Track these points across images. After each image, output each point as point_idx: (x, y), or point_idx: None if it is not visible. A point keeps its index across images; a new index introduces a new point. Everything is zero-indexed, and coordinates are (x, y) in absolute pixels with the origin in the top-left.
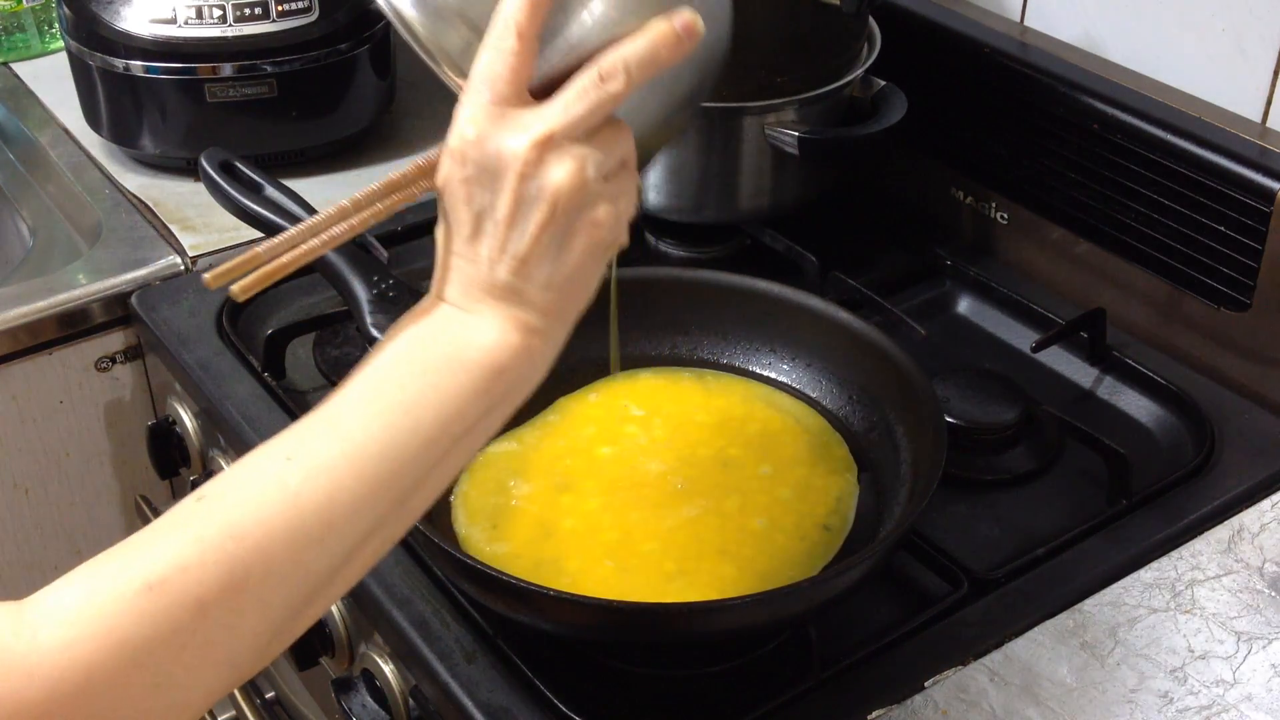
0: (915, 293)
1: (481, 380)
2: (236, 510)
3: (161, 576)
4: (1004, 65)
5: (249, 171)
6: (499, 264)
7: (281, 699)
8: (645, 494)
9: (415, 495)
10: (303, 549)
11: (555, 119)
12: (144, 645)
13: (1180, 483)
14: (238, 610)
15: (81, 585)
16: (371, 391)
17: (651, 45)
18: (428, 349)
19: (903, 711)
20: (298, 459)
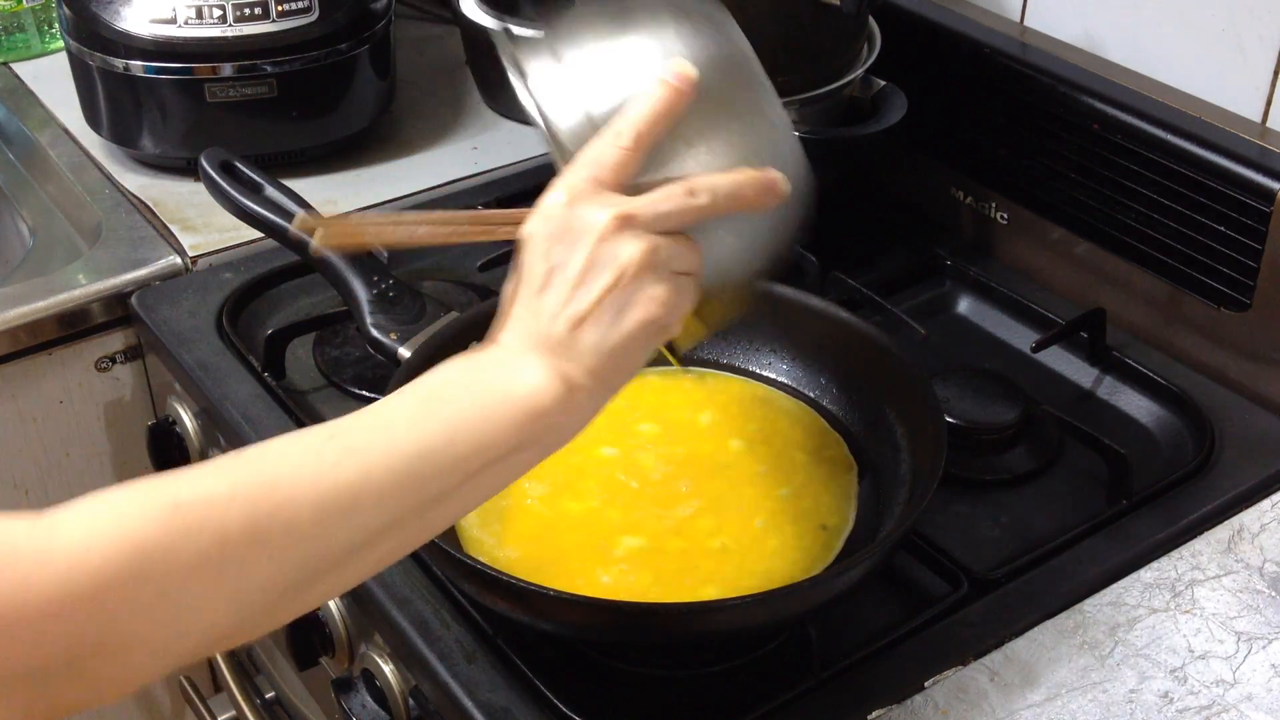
0: (915, 293)
1: (520, 416)
2: (272, 466)
3: (190, 500)
4: (1004, 65)
5: (249, 171)
6: (558, 318)
7: (281, 699)
8: (645, 494)
9: (438, 506)
10: (327, 517)
11: (640, 205)
12: (160, 557)
13: (1180, 483)
14: (255, 555)
15: (108, 497)
16: (418, 401)
17: (740, 184)
18: (476, 378)
19: (903, 711)
20: (338, 438)
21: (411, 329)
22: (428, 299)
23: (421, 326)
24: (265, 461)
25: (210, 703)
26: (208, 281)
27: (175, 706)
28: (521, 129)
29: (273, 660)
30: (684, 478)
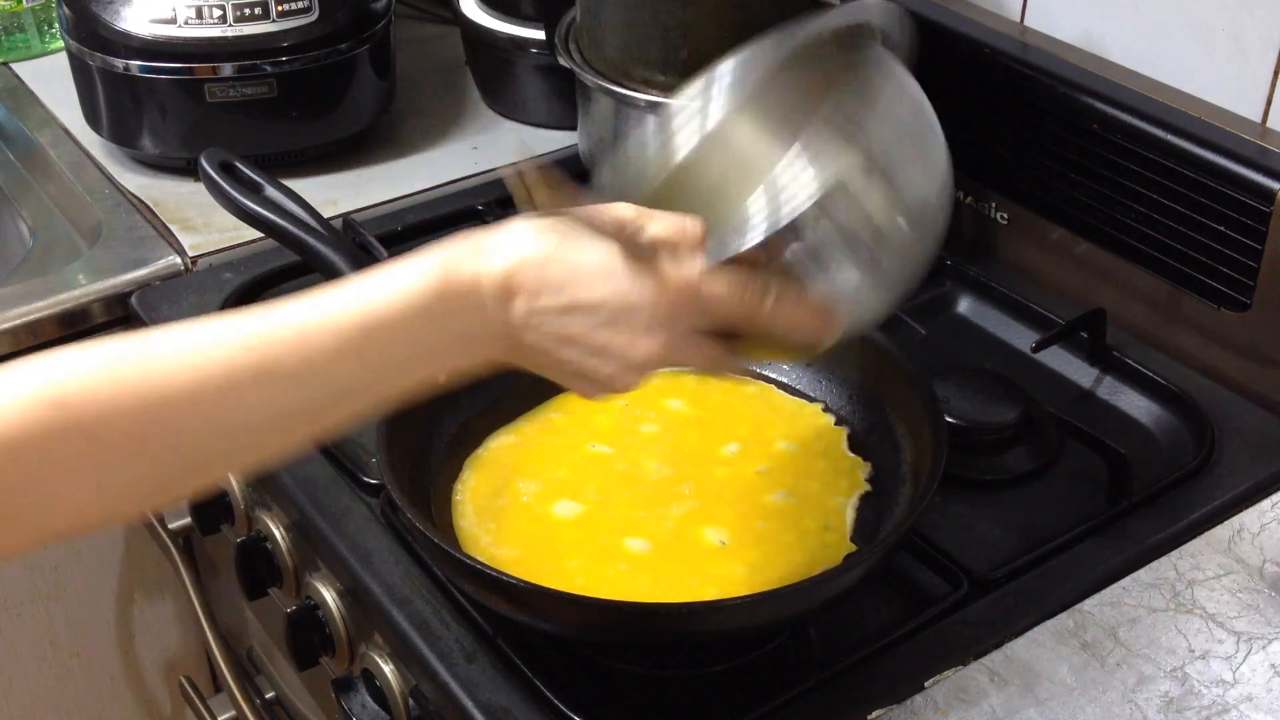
0: (915, 293)
1: (443, 375)
2: (170, 373)
3: (75, 399)
4: (1004, 65)
5: (249, 171)
6: (555, 327)
7: (281, 699)
8: (645, 493)
9: (326, 420)
10: (216, 432)
11: (723, 289)
12: (28, 448)
13: (1180, 483)
14: (130, 458)
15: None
16: (357, 333)
17: (803, 317)
18: (429, 330)
19: (903, 711)
20: (256, 351)
21: None
22: None
23: None
24: (165, 364)
25: (210, 703)
26: (208, 281)
27: (175, 706)
28: (521, 129)
29: (273, 660)
30: (684, 478)
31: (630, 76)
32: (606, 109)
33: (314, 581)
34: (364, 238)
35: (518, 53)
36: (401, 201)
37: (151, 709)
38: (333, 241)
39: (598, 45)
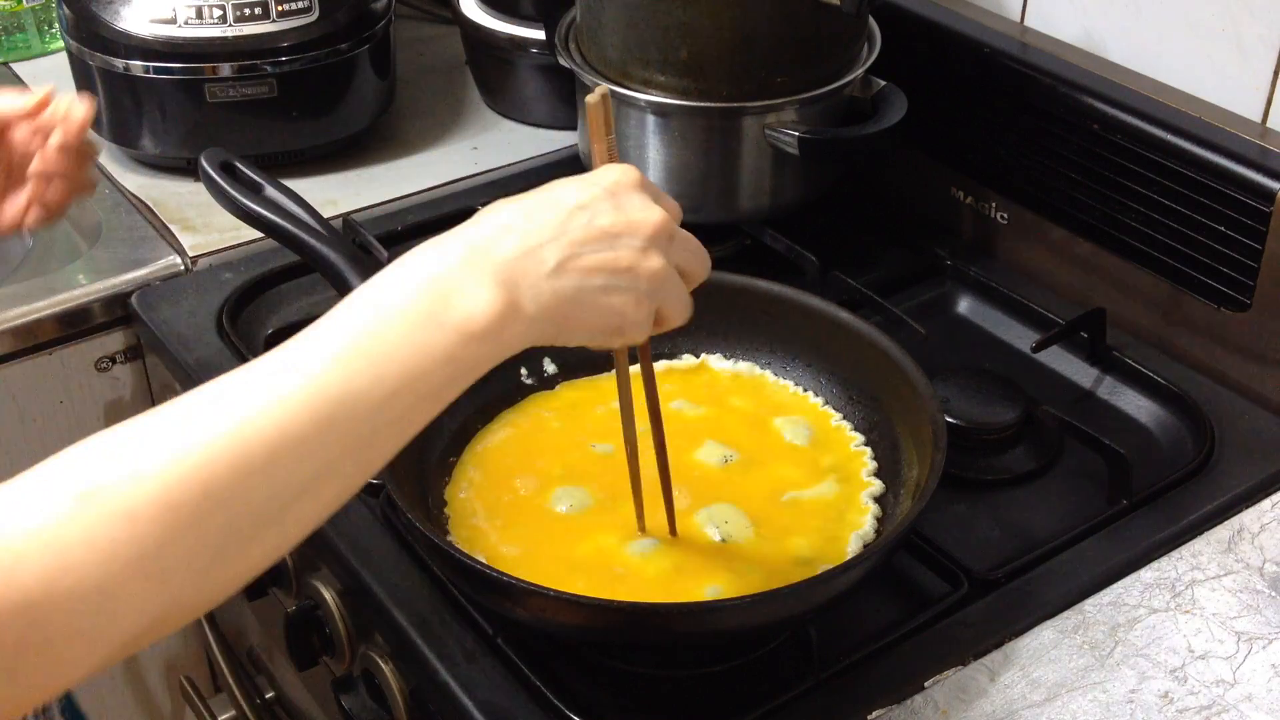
0: (915, 293)
1: (459, 346)
2: (187, 434)
3: (92, 488)
4: (1004, 65)
5: (249, 171)
6: (556, 244)
7: (281, 699)
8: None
9: (370, 447)
10: (252, 480)
11: (687, 237)
12: (73, 550)
13: (1180, 483)
14: (171, 530)
15: (26, 485)
16: (342, 334)
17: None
18: (412, 303)
19: (903, 711)
20: (255, 386)
21: None
22: None
23: None
24: (179, 429)
25: (210, 703)
26: (208, 281)
27: (175, 706)
28: (521, 129)
29: (273, 660)
30: (684, 477)
31: (630, 76)
32: None
33: (314, 581)
34: (364, 238)
35: (518, 53)
36: (401, 201)
37: (151, 709)
38: (333, 241)
39: (598, 45)
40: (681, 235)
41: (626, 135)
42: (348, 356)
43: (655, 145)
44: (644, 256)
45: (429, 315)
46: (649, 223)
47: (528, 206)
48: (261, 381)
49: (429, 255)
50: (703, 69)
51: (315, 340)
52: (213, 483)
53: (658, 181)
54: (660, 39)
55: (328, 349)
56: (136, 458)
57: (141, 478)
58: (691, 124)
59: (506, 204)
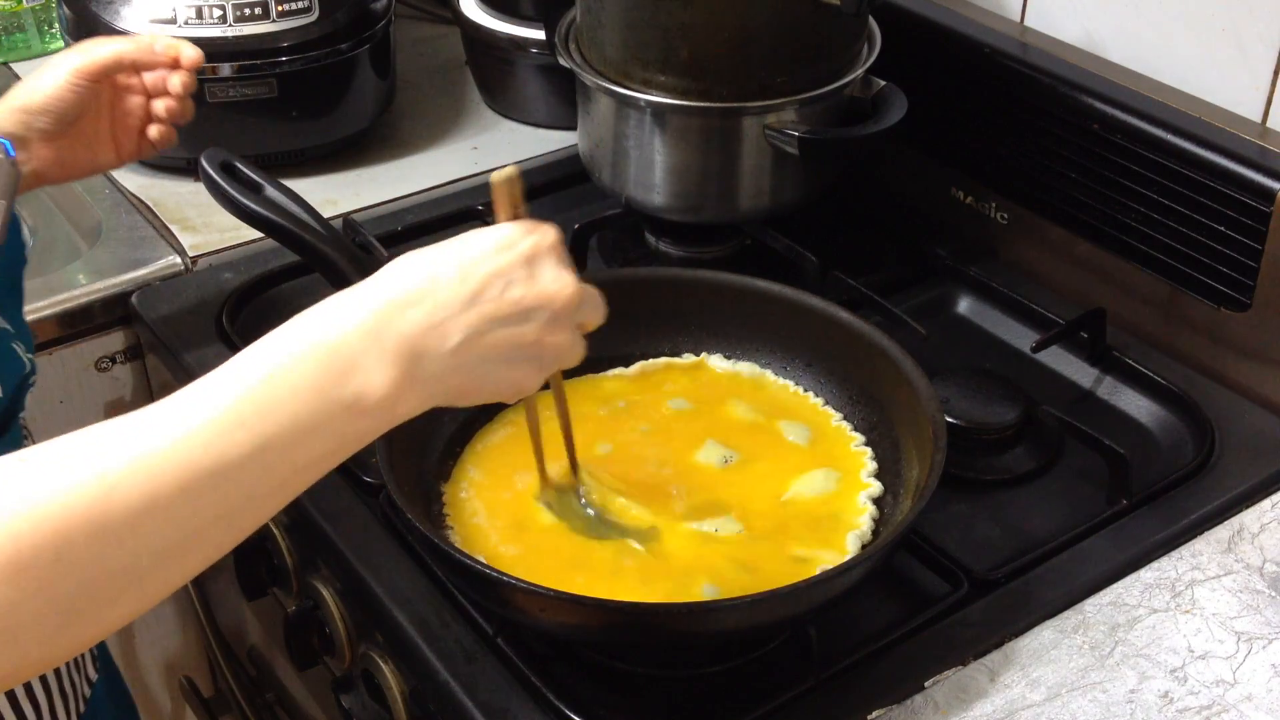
0: (915, 293)
1: (352, 424)
2: (41, 492)
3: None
4: (1004, 65)
5: (249, 171)
6: (465, 317)
7: (281, 699)
8: (645, 493)
9: (246, 513)
10: (106, 546)
11: (592, 294)
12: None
13: (1180, 483)
14: (21, 591)
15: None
16: (231, 401)
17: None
18: (302, 373)
19: (903, 711)
20: (131, 449)
21: None
22: None
23: None
24: (34, 485)
25: (210, 703)
26: (208, 281)
27: (175, 706)
28: (521, 129)
29: (273, 660)
30: (684, 477)
31: (630, 76)
32: (606, 109)
33: (314, 581)
34: (364, 238)
35: (518, 53)
36: (401, 201)
37: (152, 709)
38: (333, 241)
39: (598, 45)
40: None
41: (626, 135)
42: (224, 421)
43: (655, 145)
44: (551, 330)
45: (318, 388)
46: (561, 295)
47: (440, 270)
48: (130, 438)
49: (328, 319)
50: (703, 69)
51: (195, 399)
52: (66, 545)
53: (658, 181)
54: (660, 39)
55: (205, 410)
56: (65, 510)
57: (70, 533)
58: (691, 124)
59: (419, 262)
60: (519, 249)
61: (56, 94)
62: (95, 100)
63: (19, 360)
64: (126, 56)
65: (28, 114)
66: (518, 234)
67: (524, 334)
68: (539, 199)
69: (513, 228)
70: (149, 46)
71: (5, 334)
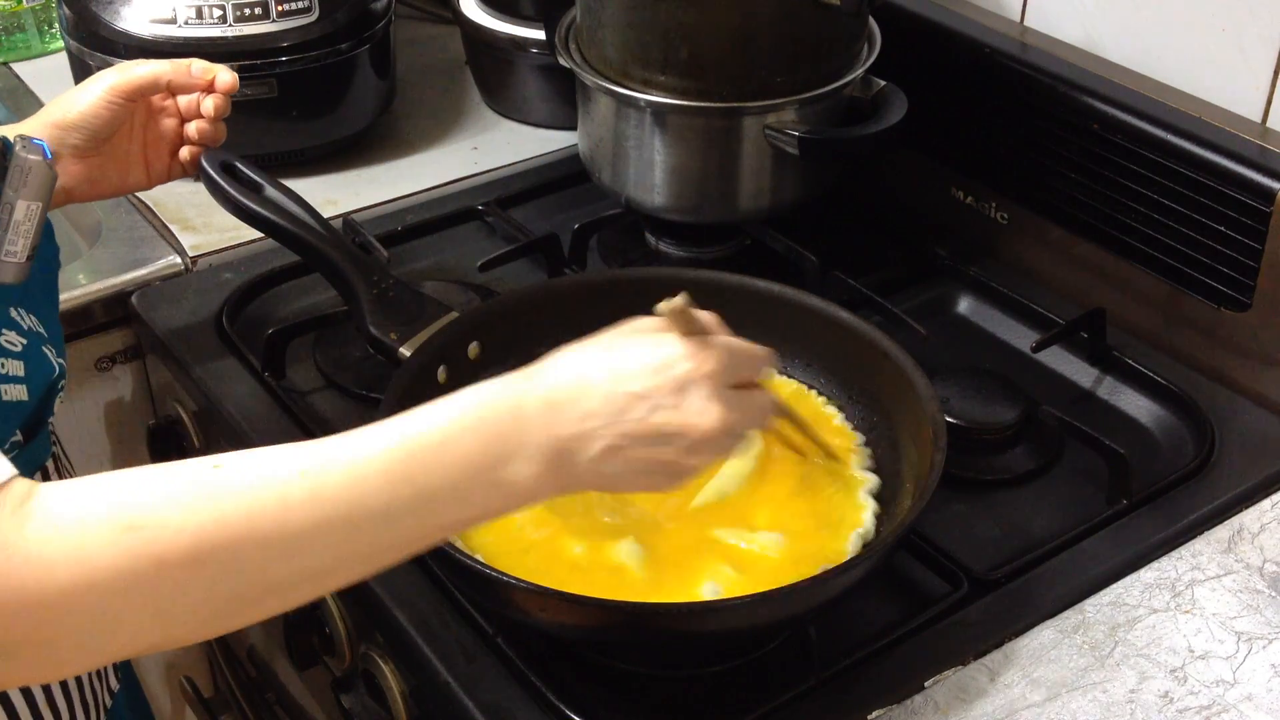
0: (915, 293)
1: (496, 501)
2: (230, 499)
3: (143, 523)
4: (1004, 65)
5: (249, 171)
6: (607, 434)
7: (281, 699)
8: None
9: (386, 556)
10: (271, 557)
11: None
12: (105, 575)
13: (1180, 483)
14: (191, 582)
15: (76, 506)
16: (402, 457)
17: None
18: (472, 449)
19: (903, 711)
20: (309, 478)
21: (411, 329)
22: (428, 299)
23: (421, 326)
24: (226, 491)
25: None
26: (208, 281)
27: (175, 706)
28: (521, 129)
29: (273, 660)
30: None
31: (630, 76)
32: (606, 109)
33: None
34: (364, 238)
35: (518, 53)
36: (401, 201)
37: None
38: (333, 241)
39: (598, 45)
40: (739, 396)
41: (626, 135)
42: (395, 473)
43: (655, 145)
44: (689, 455)
45: (479, 466)
46: (701, 428)
47: (594, 376)
48: (314, 468)
49: (499, 404)
50: (703, 69)
51: (372, 445)
52: (240, 549)
53: (658, 181)
54: (660, 39)
55: (381, 459)
56: (176, 510)
57: (179, 530)
58: (691, 124)
59: (578, 362)
60: (672, 373)
61: (91, 110)
62: (129, 120)
63: (50, 364)
64: (163, 77)
65: (61, 129)
66: (676, 357)
67: (662, 454)
68: (539, 199)
69: (675, 348)
70: (186, 69)
71: (39, 337)
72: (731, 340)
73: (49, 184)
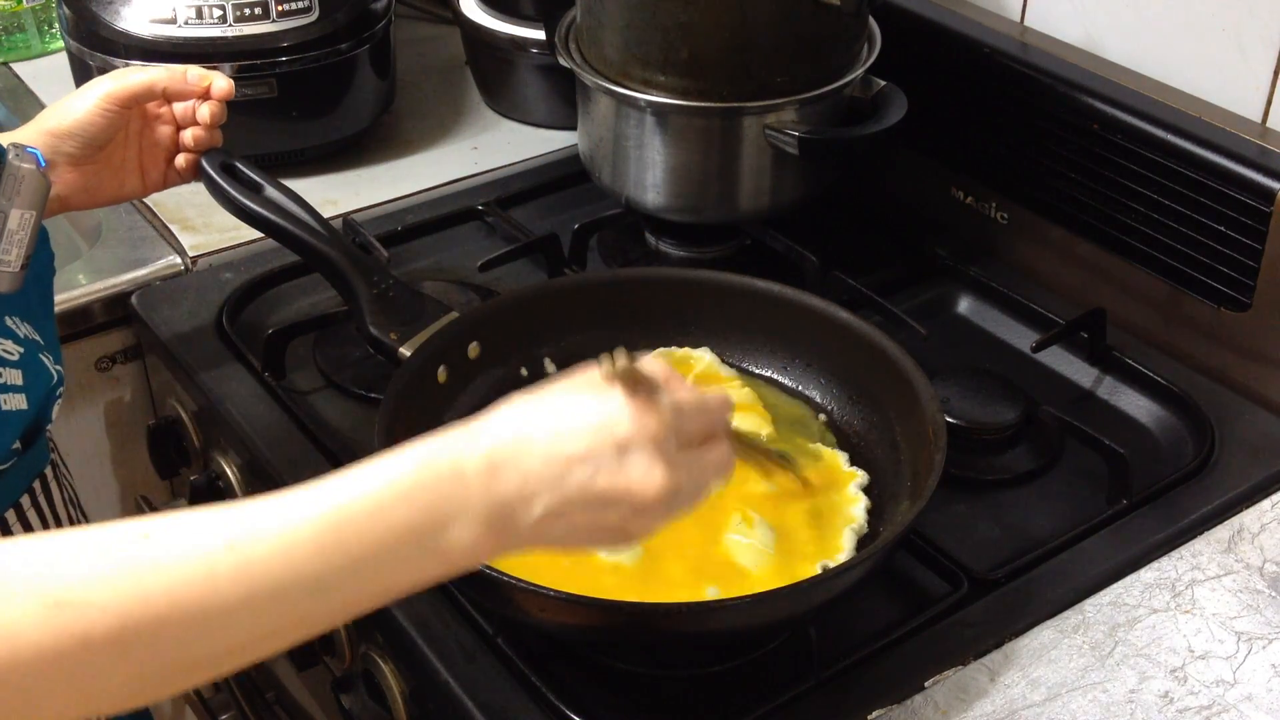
0: (915, 293)
1: (434, 569)
2: (155, 575)
3: (70, 601)
4: (1004, 65)
5: (249, 171)
6: (549, 495)
7: (281, 699)
8: None
9: (319, 624)
10: (199, 635)
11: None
12: (29, 654)
13: (1180, 483)
14: (116, 660)
15: (5, 576)
16: (336, 522)
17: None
18: (407, 517)
19: (903, 711)
20: (236, 551)
21: (411, 329)
22: (428, 299)
23: (421, 326)
24: (151, 566)
25: (210, 703)
26: (208, 281)
27: (175, 706)
28: (521, 129)
29: (273, 660)
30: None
31: (630, 76)
32: (606, 109)
33: None
34: (364, 238)
35: (518, 53)
36: (401, 201)
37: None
38: (333, 241)
39: (598, 45)
40: (688, 456)
41: (626, 135)
42: (326, 541)
43: (655, 145)
44: (634, 519)
45: (416, 530)
46: (645, 493)
47: (534, 435)
48: (240, 537)
49: (435, 467)
50: (703, 69)
51: (302, 511)
52: (164, 628)
53: (658, 181)
54: (660, 39)
55: (311, 526)
56: (102, 587)
57: (104, 609)
58: (691, 124)
59: (524, 418)
60: (614, 434)
61: (87, 118)
62: (124, 127)
63: (47, 372)
64: (159, 85)
65: (56, 137)
66: (620, 417)
67: (605, 519)
68: (539, 199)
69: (618, 407)
70: (182, 76)
71: (35, 345)
72: (681, 395)
73: (43, 193)
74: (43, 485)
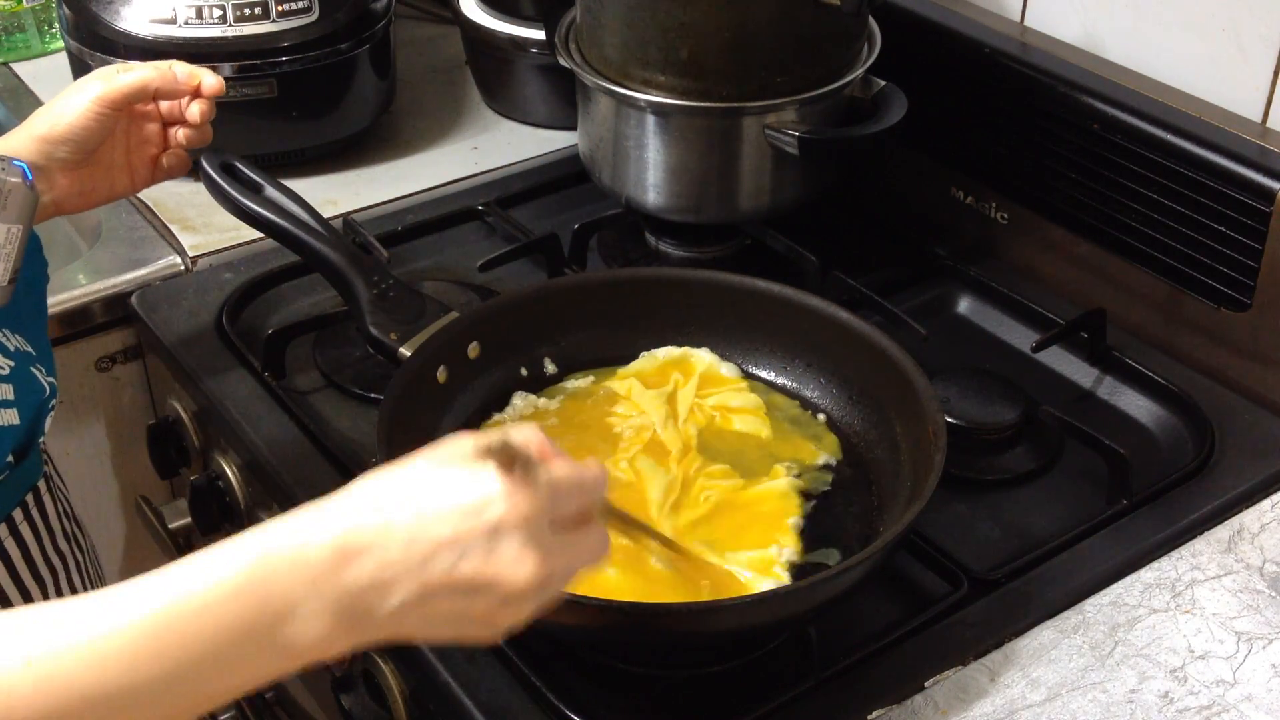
0: (915, 293)
1: (278, 664)
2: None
3: None
4: (1004, 65)
5: (249, 171)
6: (406, 584)
7: (281, 699)
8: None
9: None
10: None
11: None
12: None
13: (1180, 483)
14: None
15: None
16: (153, 629)
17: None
18: (236, 607)
19: (903, 711)
20: (36, 666)
21: (411, 329)
22: (428, 299)
23: (421, 326)
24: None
25: None
26: (208, 281)
27: None
28: (521, 129)
29: None
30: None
31: (630, 76)
32: (606, 109)
33: None
34: (364, 238)
35: (518, 53)
36: (401, 201)
37: None
38: (333, 241)
39: (598, 45)
40: (562, 541)
41: (626, 135)
42: (140, 648)
43: (655, 145)
44: (502, 608)
45: (249, 628)
46: (515, 581)
47: (396, 520)
48: (39, 642)
49: (271, 555)
50: (703, 69)
51: (114, 613)
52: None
53: (658, 181)
54: (660, 39)
55: (124, 631)
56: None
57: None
58: (691, 124)
59: (378, 500)
60: (484, 517)
61: (80, 123)
62: (114, 128)
63: (39, 384)
64: (150, 84)
65: (48, 143)
66: (492, 497)
67: (471, 607)
68: (539, 199)
69: (491, 486)
70: (171, 75)
71: (27, 357)
72: (558, 473)
73: (30, 206)
74: (35, 498)
